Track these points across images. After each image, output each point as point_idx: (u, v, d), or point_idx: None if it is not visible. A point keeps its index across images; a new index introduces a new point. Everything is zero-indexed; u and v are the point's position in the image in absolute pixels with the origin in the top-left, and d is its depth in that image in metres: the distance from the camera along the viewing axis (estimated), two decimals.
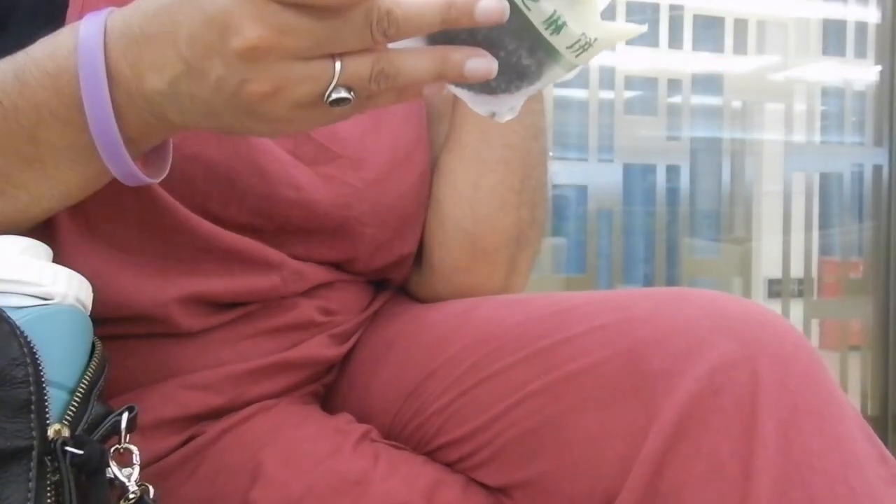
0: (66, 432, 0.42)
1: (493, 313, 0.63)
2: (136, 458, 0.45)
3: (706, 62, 1.92)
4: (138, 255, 0.59)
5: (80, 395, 0.44)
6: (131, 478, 0.45)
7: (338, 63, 0.42)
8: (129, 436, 0.46)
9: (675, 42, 1.87)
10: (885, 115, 2.04)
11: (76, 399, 0.44)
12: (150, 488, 0.46)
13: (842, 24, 2.03)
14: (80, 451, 0.41)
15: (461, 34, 0.44)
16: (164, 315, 0.59)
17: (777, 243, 1.98)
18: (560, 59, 0.44)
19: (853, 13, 2.03)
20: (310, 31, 0.41)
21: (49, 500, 0.40)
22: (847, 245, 2.06)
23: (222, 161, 0.60)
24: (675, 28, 1.86)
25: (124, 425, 0.46)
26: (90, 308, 0.49)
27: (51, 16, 0.56)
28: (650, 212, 1.88)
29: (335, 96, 0.43)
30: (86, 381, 0.45)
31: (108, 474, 0.43)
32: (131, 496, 0.45)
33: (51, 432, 0.41)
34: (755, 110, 1.97)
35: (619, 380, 0.52)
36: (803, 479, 0.47)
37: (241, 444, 0.60)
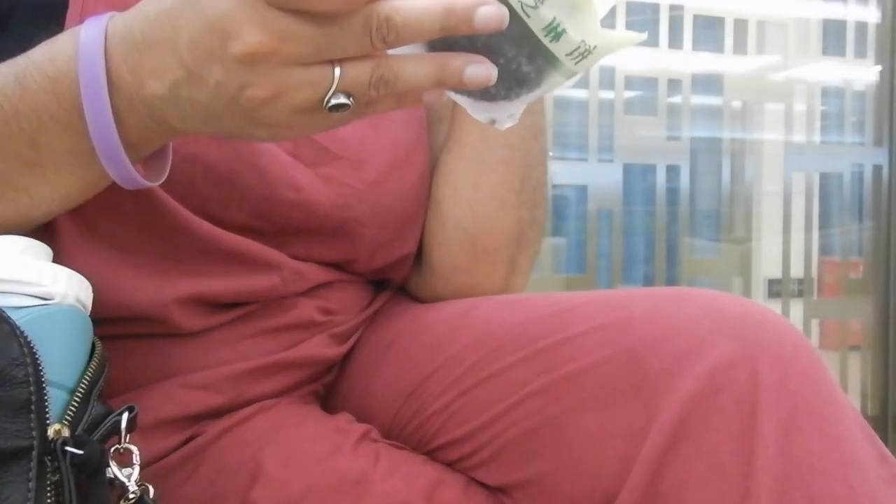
0: (66, 432, 0.42)
1: (493, 313, 0.63)
2: (136, 458, 0.45)
3: (706, 62, 1.92)
4: (138, 255, 0.59)
5: (80, 395, 0.44)
6: (131, 478, 0.45)
7: (337, 69, 0.42)
8: (129, 436, 0.46)
9: (675, 42, 1.87)
10: (885, 115, 2.04)
11: (76, 399, 0.44)
12: (150, 488, 0.46)
13: (842, 24, 2.03)
14: (80, 451, 0.41)
15: (461, 41, 0.43)
16: (163, 315, 0.59)
17: (777, 243, 1.98)
18: (560, 67, 0.44)
19: (853, 13, 2.03)
20: (310, 37, 0.41)
21: (49, 500, 0.40)
22: (847, 245, 2.05)
23: (222, 162, 0.60)
24: (675, 28, 1.86)
25: (124, 425, 0.46)
26: (90, 308, 0.49)
27: (51, 16, 0.56)
28: (650, 212, 1.88)
29: (334, 102, 0.43)
30: (86, 381, 0.45)
31: (108, 474, 0.43)
32: (131, 496, 0.45)
33: (51, 432, 0.41)
34: (755, 110, 1.97)
35: (619, 380, 0.52)
36: (803, 478, 0.47)
37: (241, 444, 0.60)
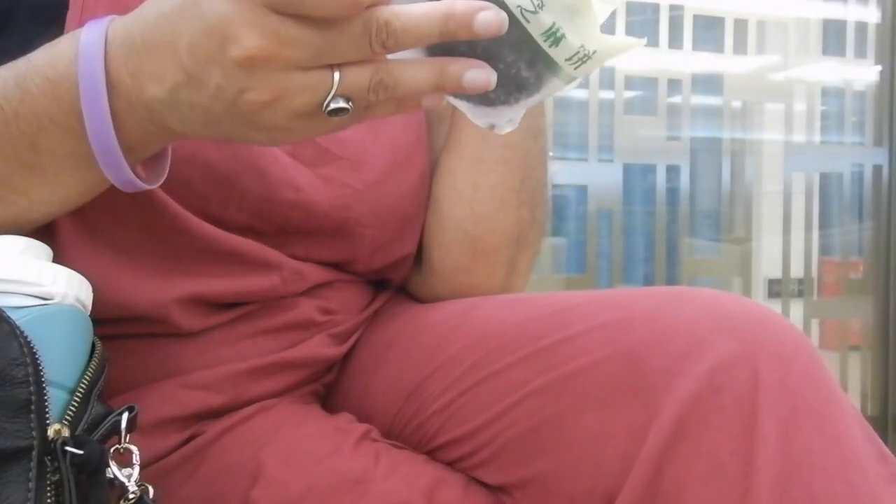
0: (66, 432, 0.42)
1: (493, 313, 0.63)
2: (136, 458, 0.45)
3: (706, 62, 1.92)
4: (138, 256, 0.59)
5: (80, 395, 0.44)
6: (131, 478, 0.45)
7: (336, 73, 0.42)
8: (129, 436, 0.46)
9: (675, 42, 1.87)
10: (885, 115, 2.04)
11: (76, 399, 0.44)
12: (150, 488, 0.46)
13: (842, 24, 2.03)
14: (80, 451, 0.41)
15: (460, 46, 0.44)
16: (163, 315, 0.59)
17: (777, 243, 1.98)
18: (559, 72, 0.44)
19: (853, 13, 2.03)
20: (309, 41, 0.41)
21: (49, 500, 0.40)
22: (847, 245, 2.06)
23: (222, 163, 0.60)
24: (675, 28, 1.86)
25: (124, 425, 0.46)
26: (90, 308, 0.49)
27: (51, 17, 0.56)
28: (650, 212, 1.88)
29: (333, 106, 0.43)
30: (86, 381, 0.45)
31: (108, 474, 0.43)
32: (131, 496, 0.45)
33: (51, 432, 0.41)
34: (755, 110, 1.97)
35: (619, 379, 0.52)
36: (803, 477, 0.47)
37: (241, 444, 0.60)
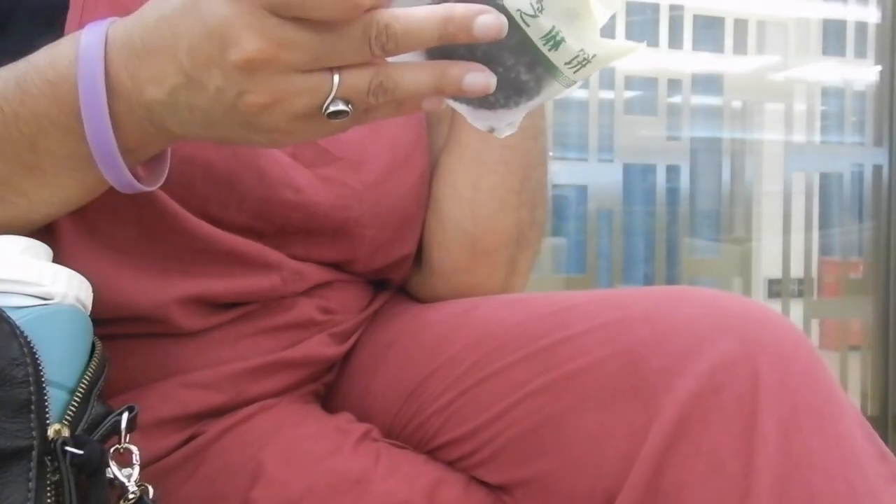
0: (66, 432, 0.42)
1: (493, 313, 0.63)
2: (136, 458, 0.45)
3: (706, 62, 1.92)
4: (138, 256, 0.59)
5: (80, 395, 0.44)
6: (131, 478, 0.45)
7: (336, 76, 0.42)
8: (129, 436, 0.46)
9: (675, 42, 1.87)
10: (885, 115, 2.04)
11: (76, 399, 0.44)
12: (150, 488, 0.46)
13: (842, 24, 2.03)
14: (80, 451, 0.41)
15: (460, 49, 0.44)
16: (163, 315, 0.59)
17: (777, 243, 1.98)
18: (558, 75, 0.44)
19: (853, 13, 2.03)
20: (308, 44, 0.41)
21: (49, 500, 0.40)
22: (847, 245, 2.06)
23: (222, 163, 0.60)
24: (675, 28, 1.86)
25: (124, 425, 0.46)
26: (90, 308, 0.49)
27: (51, 18, 0.56)
28: (650, 212, 1.88)
29: (333, 109, 0.43)
30: (86, 381, 0.45)
31: (108, 474, 0.43)
32: (131, 496, 0.45)
33: (51, 432, 0.41)
34: (755, 110, 1.97)
35: (619, 379, 0.52)
36: (803, 477, 0.47)
37: (241, 444, 0.60)
